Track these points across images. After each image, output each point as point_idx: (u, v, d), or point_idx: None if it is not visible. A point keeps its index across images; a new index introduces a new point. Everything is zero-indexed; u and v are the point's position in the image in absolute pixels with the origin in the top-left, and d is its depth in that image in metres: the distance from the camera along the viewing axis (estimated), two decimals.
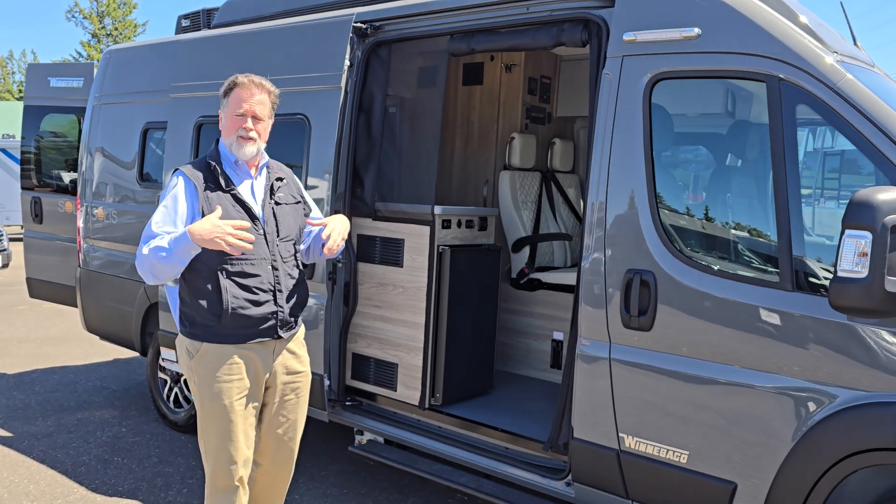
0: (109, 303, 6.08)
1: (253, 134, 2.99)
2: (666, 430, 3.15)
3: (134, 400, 6.42)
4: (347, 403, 4.48)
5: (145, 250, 2.85)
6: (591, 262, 3.33)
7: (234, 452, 2.98)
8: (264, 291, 2.98)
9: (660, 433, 3.17)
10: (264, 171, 3.14)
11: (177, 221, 2.91)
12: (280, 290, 3.03)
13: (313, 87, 4.36)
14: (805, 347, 2.81)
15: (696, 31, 3.08)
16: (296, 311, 3.14)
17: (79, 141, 6.58)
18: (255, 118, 3.00)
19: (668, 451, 3.15)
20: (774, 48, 2.92)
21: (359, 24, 4.27)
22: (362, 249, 4.41)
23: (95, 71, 6.45)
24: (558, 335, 4.94)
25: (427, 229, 4.15)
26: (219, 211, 2.82)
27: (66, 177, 7.13)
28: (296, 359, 3.20)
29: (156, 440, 5.41)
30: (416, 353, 4.22)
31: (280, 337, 3.07)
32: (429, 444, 4.09)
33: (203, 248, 2.82)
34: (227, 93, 3.04)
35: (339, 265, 4.34)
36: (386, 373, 4.35)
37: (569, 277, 4.95)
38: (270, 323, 3.01)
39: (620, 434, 3.28)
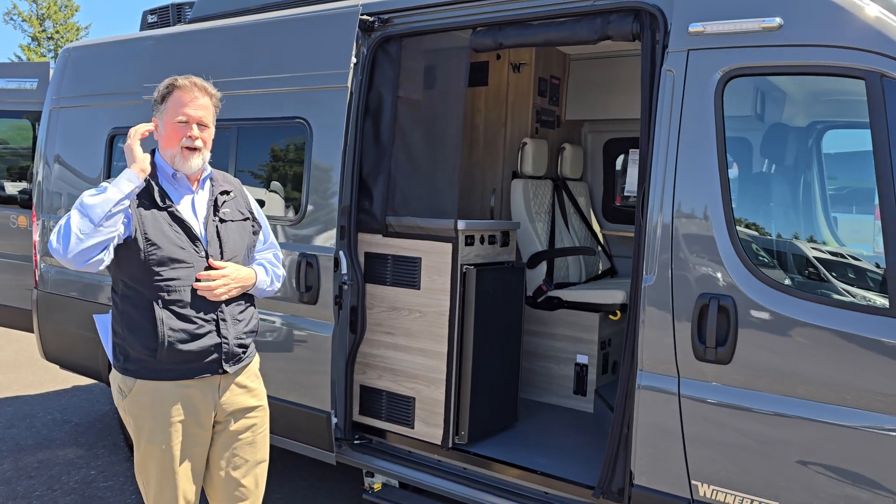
0: (73, 329, 5.44)
1: (199, 143, 2.66)
2: (749, 476, 2.75)
3: (101, 435, 5.79)
4: (356, 442, 3.98)
5: (74, 220, 2.44)
6: (654, 285, 2.92)
7: (173, 502, 2.70)
8: (206, 321, 2.66)
9: (741, 480, 2.77)
10: (207, 184, 2.78)
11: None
12: (224, 320, 2.69)
13: (315, 87, 3.86)
14: None
15: (778, 20, 2.70)
16: (244, 343, 2.78)
17: (33, 148, 5.92)
18: (201, 125, 2.67)
19: (752, 501, 2.75)
20: (874, 40, 2.55)
21: (365, 17, 3.79)
22: (371, 269, 3.92)
23: (52, 71, 5.81)
24: (582, 358, 4.53)
25: (449, 247, 3.68)
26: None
27: (14, 187, 6.46)
28: (248, 393, 2.84)
29: (131, 484, 4.81)
30: (437, 386, 3.75)
31: (225, 372, 2.72)
32: (455, 488, 3.62)
33: (135, 274, 2.58)
34: (164, 97, 2.68)
35: (345, 287, 3.85)
36: (401, 408, 3.88)
37: (590, 295, 4.56)
38: (213, 357, 2.68)
39: (693, 481, 2.87)
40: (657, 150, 2.94)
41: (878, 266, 2.57)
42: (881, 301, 2.53)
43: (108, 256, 2.51)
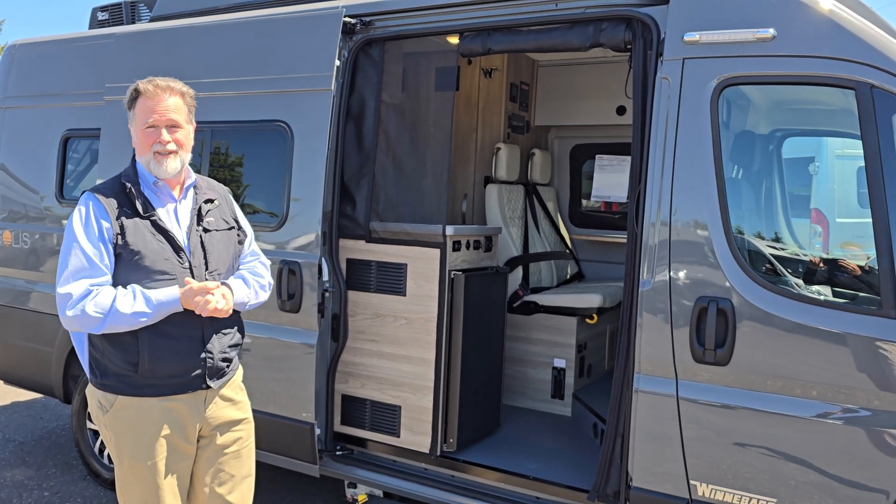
0: (20, 342, 5.14)
1: (172, 146, 2.53)
2: (747, 475, 2.82)
3: (49, 454, 5.48)
4: (338, 453, 3.90)
5: (93, 309, 2.41)
6: (652, 289, 2.97)
7: None
8: (190, 335, 2.56)
9: (740, 479, 2.84)
10: (190, 192, 2.67)
11: (103, 262, 2.47)
12: (208, 333, 2.59)
13: (296, 89, 3.77)
14: None
15: (772, 31, 2.79)
16: (228, 356, 2.69)
17: None
18: (172, 127, 2.54)
19: (751, 499, 2.82)
20: (864, 52, 2.66)
21: (347, 20, 3.73)
22: (353, 276, 3.85)
23: None
24: (559, 362, 4.56)
25: (436, 252, 3.65)
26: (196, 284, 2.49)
27: None
28: (233, 406, 2.74)
29: None
30: (425, 394, 3.71)
31: (209, 387, 2.62)
32: (444, 496, 3.59)
33: (121, 276, 2.49)
34: (130, 105, 2.57)
35: (327, 294, 3.76)
36: (386, 417, 3.81)
37: (567, 299, 4.60)
38: (197, 372, 2.57)
39: (692, 482, 2.93)
40: (653, 156, 2.99)
41: (869, 268, 2.68)
42: (873, 301, 2.64)
43: None
